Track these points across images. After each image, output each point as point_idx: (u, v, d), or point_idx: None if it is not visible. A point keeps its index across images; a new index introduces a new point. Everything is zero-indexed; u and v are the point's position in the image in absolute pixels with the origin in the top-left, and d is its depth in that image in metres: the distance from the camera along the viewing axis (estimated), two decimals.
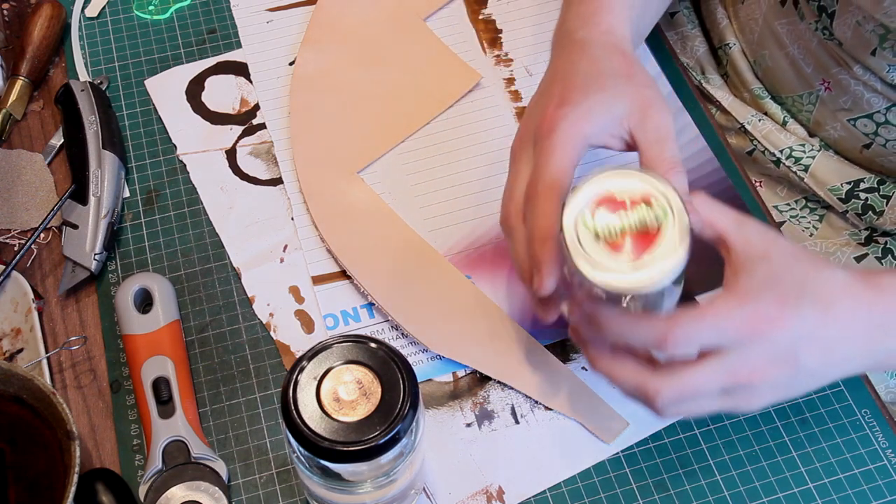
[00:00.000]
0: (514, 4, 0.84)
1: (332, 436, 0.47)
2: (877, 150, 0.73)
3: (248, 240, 0.71)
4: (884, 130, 0.71)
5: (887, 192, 0.73)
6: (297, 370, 0.49)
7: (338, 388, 0.48)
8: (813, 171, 0.75)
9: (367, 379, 0.49)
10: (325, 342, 0.50)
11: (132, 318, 0.64)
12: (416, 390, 0.49)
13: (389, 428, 0.47)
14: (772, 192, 0.80)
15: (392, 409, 0.48)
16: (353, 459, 0.48)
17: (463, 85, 0.78)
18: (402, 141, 0.76)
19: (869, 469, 0.62)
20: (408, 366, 0.49)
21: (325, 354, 0.49)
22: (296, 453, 0.50)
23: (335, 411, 0.48)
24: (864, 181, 0.74)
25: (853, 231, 0.76)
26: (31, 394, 0.58)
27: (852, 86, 0.71)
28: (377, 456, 0.48)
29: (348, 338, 0.50)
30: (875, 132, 0.72)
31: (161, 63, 0.80)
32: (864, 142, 0.73)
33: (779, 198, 0.79)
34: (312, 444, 0.47)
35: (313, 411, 0.48)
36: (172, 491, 0.58)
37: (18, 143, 0.76)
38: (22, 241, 0.71)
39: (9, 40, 0.81)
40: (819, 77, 0.73)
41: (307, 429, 0.47)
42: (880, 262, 0.75)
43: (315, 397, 0.48)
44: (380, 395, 0.48)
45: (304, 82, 0.78)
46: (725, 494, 0.61)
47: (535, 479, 0.61)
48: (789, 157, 0.76)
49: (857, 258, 0.75)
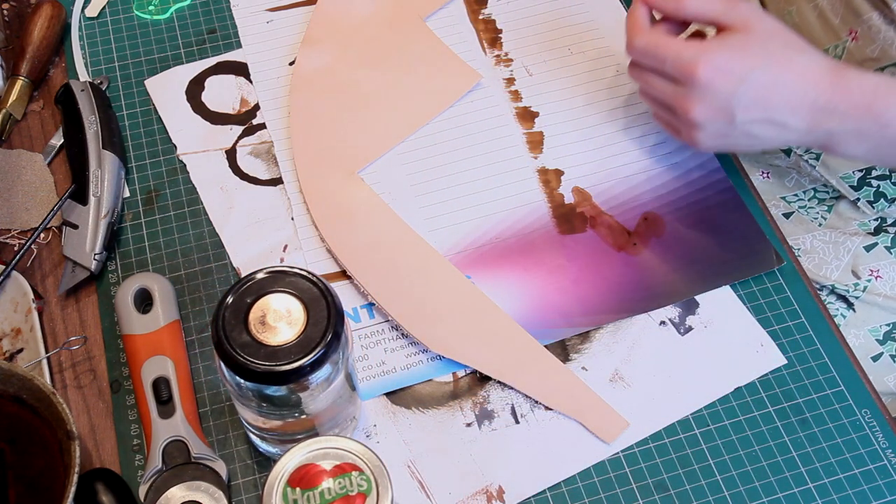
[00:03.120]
0: (514, 4, 0.84)
1: (257, 357, 0.49)
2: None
3: (248, 240, 0.71)
4: None
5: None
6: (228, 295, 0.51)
7: (266, 314, 0.51)
8: (825, 158, 0.75)
9: (295, 307, 0.51)
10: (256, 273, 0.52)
11: (132, 318, 0.64)
12: (340, 321, 0.51)
13: (310, 353, 0.49)
14: (780, 183, 0.79)
15: (315, 336, 0.50)
16: (274, 381, 0.50)
17: (463, 85, 0.78)
18: (402, 141, 0.76)
19: (869, 469, 0.62)
20: (336, 300, 0.51)
21: (257, 284, 0.52)
22: (228, 380, 0.52)
23: (259, 333, 0.50)
24: (876, 168, 0.74)
25: (862, 221, 0.76)
26: (31, 394, 0.58)
27: (882, 31, 0.70)
28: (296, 379, 0.50)
29: (282, 269, 0.52)
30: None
31: (161, 63, 0.80)
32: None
33: (787, 189, 0.79)
34: (235, 362, 0.49)
35: (240, 332, 0.50)
36: (172, 491, 0.58)
37: (18, 143, 0.76)
38: (22, 241, 0.71)
39: (9, 40, 0.81)
40: (846, 27, 0.72)
41: (231, 347, 0.49)
42: (889, 251, 0.75)
43: (243, 320, 0.50)
44: (304, 323, 0.50)
45: (304, 82, 0.78)
46: (725, 494, 0.61)
47: (535, 479, 0.61)
48: (800, 147, 0.76)
49: (866, 247, 0.75)
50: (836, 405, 0.64)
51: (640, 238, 0.71)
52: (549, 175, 0.74)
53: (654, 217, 0.72)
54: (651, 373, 0.65)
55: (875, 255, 0.75)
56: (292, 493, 0.49)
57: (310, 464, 0.50)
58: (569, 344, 0.66)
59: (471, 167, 0.74)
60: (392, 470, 0.51)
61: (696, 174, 0.74)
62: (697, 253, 0.70)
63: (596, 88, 0.79)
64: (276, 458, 0.58)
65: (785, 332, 0.67)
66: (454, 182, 0.74)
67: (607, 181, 0.74)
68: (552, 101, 0.78)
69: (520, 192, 0.73)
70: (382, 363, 0.65)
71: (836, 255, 0.76)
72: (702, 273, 0.69)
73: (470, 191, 0.73)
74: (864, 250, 0.75)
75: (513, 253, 0.70)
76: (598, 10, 0.84)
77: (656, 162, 0.74)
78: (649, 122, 0.76)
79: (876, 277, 0.75)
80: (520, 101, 0.78)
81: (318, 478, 0.49)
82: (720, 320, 0.67)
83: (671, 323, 0.67)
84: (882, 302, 0.75)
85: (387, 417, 0.63)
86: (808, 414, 0.64)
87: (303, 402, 0.53)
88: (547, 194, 0.73)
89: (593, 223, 0.72)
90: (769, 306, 0.68)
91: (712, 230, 0.71)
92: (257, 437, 0.60)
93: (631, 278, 0.69)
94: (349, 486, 0.49)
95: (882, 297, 0.74)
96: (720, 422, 0.63)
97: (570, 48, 0.81)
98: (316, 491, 0.49)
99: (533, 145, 0.76)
